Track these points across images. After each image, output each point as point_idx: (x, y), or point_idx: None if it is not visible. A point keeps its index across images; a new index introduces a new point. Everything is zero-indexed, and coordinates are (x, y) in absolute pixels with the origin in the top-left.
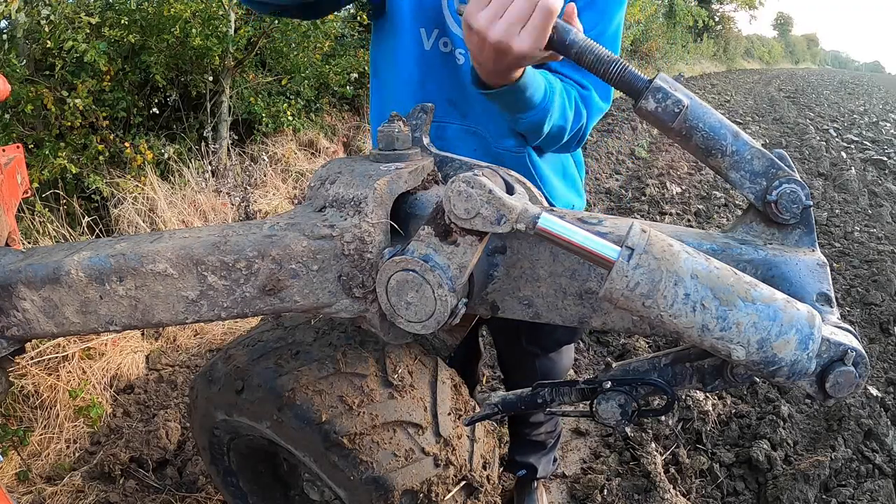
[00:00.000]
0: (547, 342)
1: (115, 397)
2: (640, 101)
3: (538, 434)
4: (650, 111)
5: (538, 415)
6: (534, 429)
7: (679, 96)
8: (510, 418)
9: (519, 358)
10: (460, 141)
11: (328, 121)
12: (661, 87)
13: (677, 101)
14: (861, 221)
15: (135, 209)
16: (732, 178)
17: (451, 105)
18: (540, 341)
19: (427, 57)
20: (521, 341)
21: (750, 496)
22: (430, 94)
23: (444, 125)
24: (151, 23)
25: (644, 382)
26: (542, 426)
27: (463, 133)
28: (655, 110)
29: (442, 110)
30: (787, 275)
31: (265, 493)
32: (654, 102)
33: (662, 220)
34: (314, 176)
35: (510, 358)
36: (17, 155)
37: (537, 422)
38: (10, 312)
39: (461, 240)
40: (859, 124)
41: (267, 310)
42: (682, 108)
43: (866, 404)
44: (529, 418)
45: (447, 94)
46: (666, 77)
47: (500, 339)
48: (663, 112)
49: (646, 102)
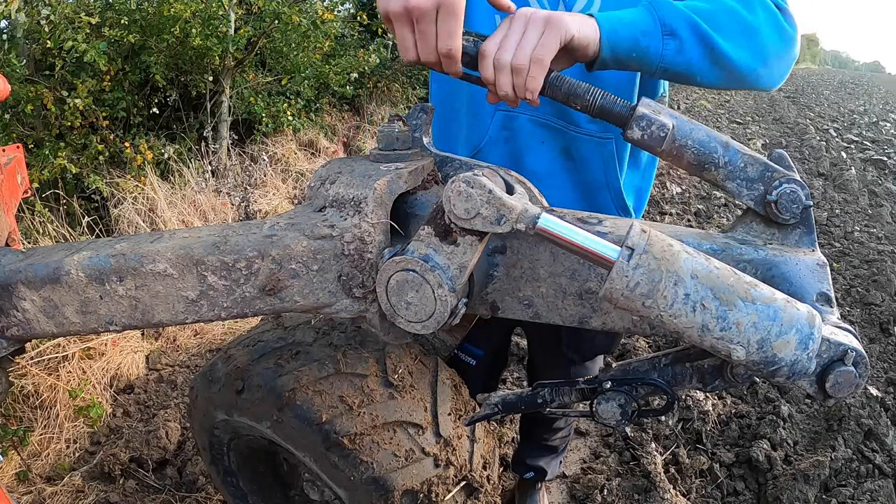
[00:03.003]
0: (586, 350)
1: (115, 397)
2: (626, 131)
3: (555, 439)
4: (637, 140)
5: (559, 420)
6: (553, 434)
7: (663, 120)
8: (524, 420)
9: (554, 363)
10: (529, 133)
11: (328, 121)
12: (644, 114)
13: (661, 126)
14: (861, 221)
15: (135, 209)
16: (729, 189)
17: None
18: (580, 348)
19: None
20: (561, 347)
21: (750, 496)
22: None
23: (512, 115)
24: (151, 23)
25: (644, 382)
26: (561, 431)
27: (532, 124)
28: (642, 138)
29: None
30: (787, 275)
31: (265, 493)
32: (639, 131)
33: (662, 220)
34: (314, 176)
35: (544, 362)
36: (17, 155)
37: (557, 427)
38: (10, 312)
39: (461, 240)
40: (859, 124)
41: (267, 310)
42: (667, 131)
43: (866, 404)
44: (551, 424)
45: None
46: (648, 101)
47: (536, 342)
48: (650, 139)
49: (631, 132)
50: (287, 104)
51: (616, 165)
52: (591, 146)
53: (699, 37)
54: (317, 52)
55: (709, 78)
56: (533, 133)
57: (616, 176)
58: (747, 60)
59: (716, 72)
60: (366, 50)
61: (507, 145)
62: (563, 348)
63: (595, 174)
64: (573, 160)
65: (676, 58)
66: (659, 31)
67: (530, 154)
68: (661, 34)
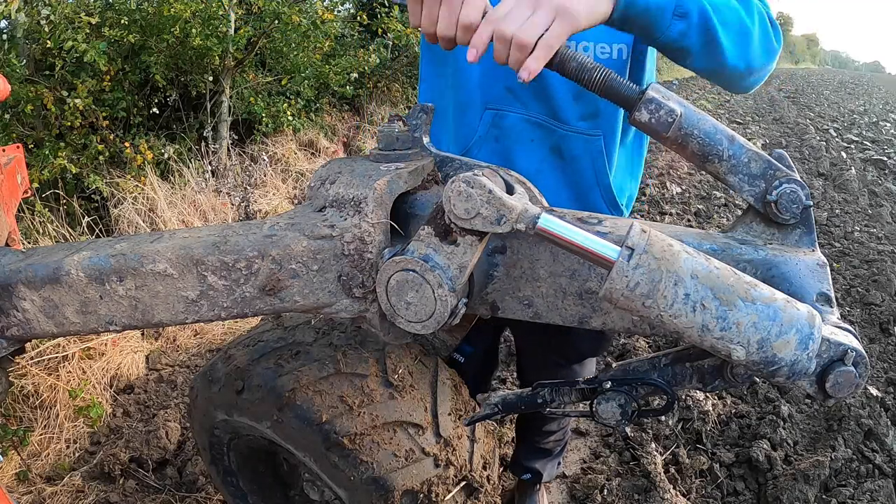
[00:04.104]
0: (571, 353)
1: (115, 397)
2: (633, 113)
3: (547, 442)
4: (644, 122)
5: (550, 424)
6: (545, 437)
7: (672, 106)
8: (519, 422)
9: (541, 365)
10: (519, 131)
11: (328, 121)
12: (654, 97)
13: (670, 111)
14: (861, 221)
15: (135, 209)
16: (731, 182)
17: (509, 93)
18: (564, 352)
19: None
20: (548, 350)
21: (750, 496)
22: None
23: (502, 113)
24: (151, 23)
25: (644, 382)
26: (553, 435)
27: (522, 122)
28: (649, 121)
29: (500, 98)
30: (787, 275)
31: (265, 493)
32: (647, 114)
33: (662, 220)
34: (314, 176)
35: (530, 364)
36: (17, 155)
37: (549, 430)
38: (10, 312)
39: (461, 240)
40: (859, 124)
41: (267, 310)
42: (675, 117)
43: (866, 404)
44: (542, 427)
45: (504, 81)
46: (658, 86)
47: (524, 345)
48: (657, 123)
49: (639, 114)
50: (287, 104)
51: (605, 162)
52: (581, 143)
53: (705, 26)
54: (317, 52)
55: (695, 64)
56: (522, 131)
57: (606, 173)
58: (736, 62)
59: (704, 62)
60: (366, 50)
61: (497, 144)
62: (546, 350)
63: (585, 172)
64: (563, 158)
65: (678, 39)
66: (671, 9)
67: (520, 152)
68: (671, 14)
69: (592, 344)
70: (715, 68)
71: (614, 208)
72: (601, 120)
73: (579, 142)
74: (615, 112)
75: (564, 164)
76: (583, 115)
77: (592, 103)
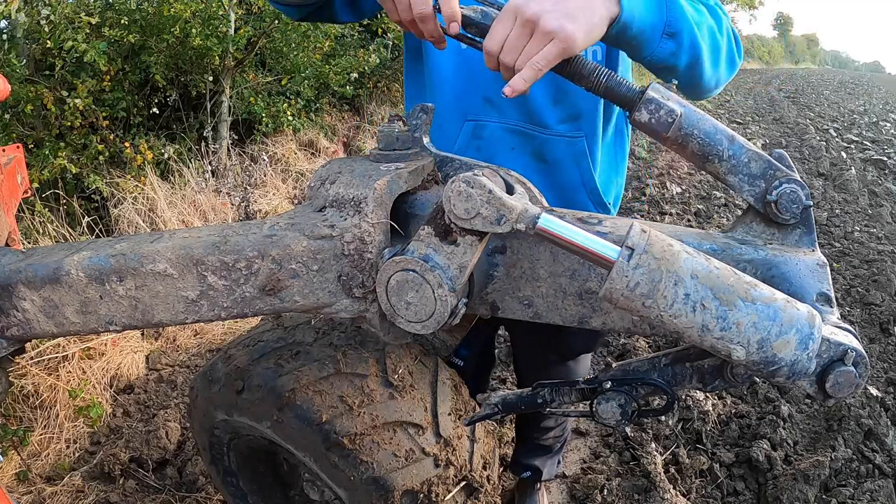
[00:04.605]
0: (565, 350)
1: (115, 397)
2: (633, 114)
3: (546, 438)
4: (644, 123)
5: (548, 420)
6: (543, 433)
7: (672, 106)
8: (518, 420)
9: (537, 363)
10: (499, 140)
11: (328, 121)
12: (654, 97)
13: (670, 111)
14: (861, 221)
15: (135, 209)
16: (731, 182)
17: (487, 103)
18: (558, 349)
19: (464, 53)
20: (543, 348)
21: (750, 496)
22: (464, 91)
23: (482, 124)
24: (151, 23)
25: (644, 382)
26: (551, 431)
27: (501, 130)
28: (649, 122)
29: (478, 108)
30: (787, 275)
31: (265, 493)
32: (647, 114)
33: (662, 220)
34: (314, 176)
35: (526, 362)
36: (17, 155)
37: (547, 427)
38: (10, 312)
39: (461, 240)
40: (859, 124)
41: (267, 310)
42: (675, 117)
43: (866, 404)
44: (540, 423)
45: (482, 91)
46: (658, 86)
47: (520, 343)
48: (657, 123)
49: (639, 115)
50: (287, 104)
51: (589, 162)
52: (563, 146)
53: (692, 48)
54: (317, 52)
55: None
56: (503, 139)
57: (591, 173)
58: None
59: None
60: (366, 50)
61: (479, 154)
62: (542, 349)
63: (569, 174)
64: (546, 162)
65: (666, 58)
66: (661, 29)
67: (502, 160)
68: (661, 33)
69: (586, 340)
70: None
71: (601, 207)
72: (583, 122)
73: (561, 144)
74: (596, 111)
75: (548, 167)
76: (563, 119)
77: (573, 105)
